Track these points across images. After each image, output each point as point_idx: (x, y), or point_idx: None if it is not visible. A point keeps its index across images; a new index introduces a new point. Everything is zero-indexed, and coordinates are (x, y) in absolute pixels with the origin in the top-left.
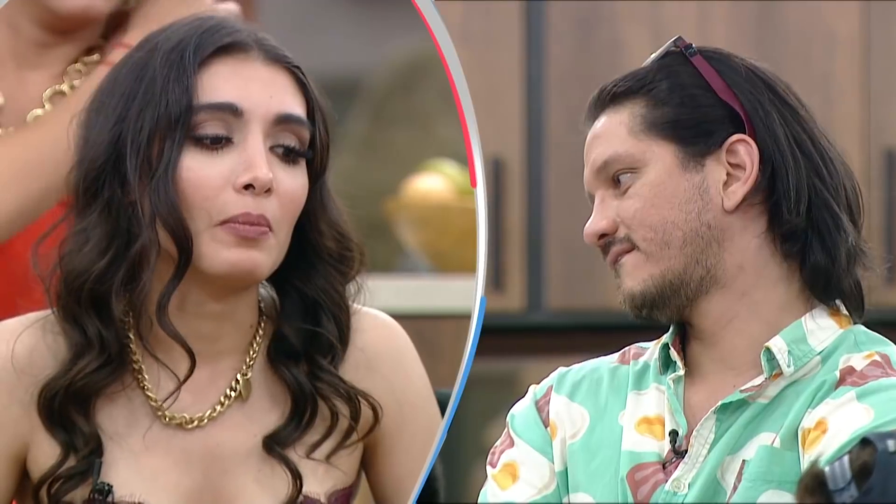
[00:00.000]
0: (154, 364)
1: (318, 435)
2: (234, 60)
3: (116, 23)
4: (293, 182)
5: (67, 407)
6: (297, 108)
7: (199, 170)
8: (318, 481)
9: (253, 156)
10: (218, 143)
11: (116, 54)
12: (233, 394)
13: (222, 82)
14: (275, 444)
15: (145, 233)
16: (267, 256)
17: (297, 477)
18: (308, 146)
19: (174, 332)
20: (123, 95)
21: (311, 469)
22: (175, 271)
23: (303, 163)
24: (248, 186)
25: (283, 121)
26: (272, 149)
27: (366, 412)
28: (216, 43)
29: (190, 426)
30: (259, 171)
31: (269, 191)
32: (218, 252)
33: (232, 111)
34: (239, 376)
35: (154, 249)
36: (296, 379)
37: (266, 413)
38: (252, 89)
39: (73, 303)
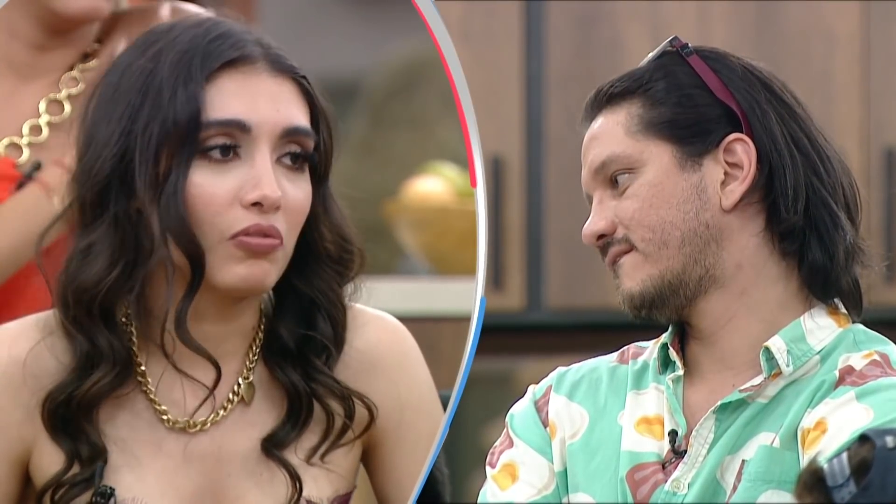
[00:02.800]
0: (157, 369)
1: (316, 438)
2: (241, 74)
3: (111, 26)
4: (299, 193)
5: (75, 416)
6: (302, 118)
7: (207, 186)
8: (320, 486)
9: (261, 173)
10: (226, 155)
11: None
12: (235, 398)
13: (230, 97)
14: (272, 447)
15: (159, 249)
16: (275, 267)
17: (295, 479)
18: (312, 150)
19: (198, 347)
20: (129, 106)
21: (312, 474)
22: (188, 288)
23: (307, 168)
24: (256, 203)
25: (290, 134)
26: (278, 159)
27: (362, 412)
28: (224, 56)
29: (193, 430)
30: (268, 189)
31: (277, 207)
32: (230, 267)
33: (240, 127)
34: (241, 379)
35: (170, 265)
36: (290, 379)
37: (265, 415)
38: (259, 103)
39: (82, 315)
